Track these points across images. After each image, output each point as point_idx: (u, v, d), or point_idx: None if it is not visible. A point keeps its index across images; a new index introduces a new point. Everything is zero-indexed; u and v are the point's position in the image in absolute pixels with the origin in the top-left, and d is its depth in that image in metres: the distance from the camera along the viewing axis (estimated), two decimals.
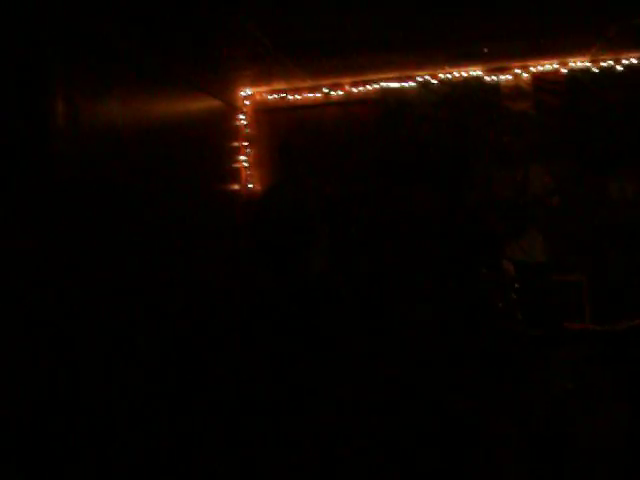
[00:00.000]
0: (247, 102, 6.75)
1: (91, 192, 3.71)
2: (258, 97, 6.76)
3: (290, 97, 6.65)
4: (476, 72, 6.28)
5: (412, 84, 6.42)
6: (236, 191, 6.54)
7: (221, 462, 3.63)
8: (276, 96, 6.69)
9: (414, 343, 4.86)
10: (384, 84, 6.46)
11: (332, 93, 6.58)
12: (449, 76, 6.32)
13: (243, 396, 4.49)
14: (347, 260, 6.11)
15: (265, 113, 6.74)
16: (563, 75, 6.14)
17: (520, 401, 3.86)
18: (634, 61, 5.95)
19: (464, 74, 6.30)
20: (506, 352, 4.15)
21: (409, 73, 6.36)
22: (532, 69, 6.20)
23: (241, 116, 6.71)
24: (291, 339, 5.13)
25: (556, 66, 6.15)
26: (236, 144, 6.67)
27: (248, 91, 6.72)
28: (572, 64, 6.12)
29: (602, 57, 5.99)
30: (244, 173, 6.70)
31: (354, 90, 6.54)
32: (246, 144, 6.74)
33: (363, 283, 6.17)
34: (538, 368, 4.08)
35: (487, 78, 6.28)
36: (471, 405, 3.84)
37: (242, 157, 6.70)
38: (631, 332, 3.74)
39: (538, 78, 6.19)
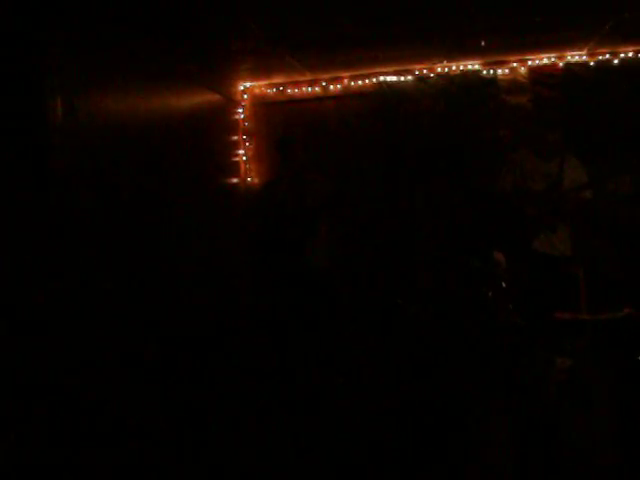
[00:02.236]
0: (245, 96, 6.76)
1: (89, 188, 3.71)
2: (257, 91, 6.77)
3: (289, 91, 6.67)
4: (473, 66, 6.31)
5: (410, 78, 6.45)
6: (235, 185, 6.57)
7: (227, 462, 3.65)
8: (274, 90, 6.70)
9: (409, 335, 4.90)
10: (382, 78, 6.48)
11: (330, 87, 6.60)
12: (446, 70, 6.35)
13: (246, 394, 4.52)
14: (348, 255, 6.14)
15: (263, 107, 6.74)
16: (560, 69, 6.17)
17: (509, 391, 3.90)
18: (631, 55, 5.98)
19: (462, 68, 6.32)
20: (496, 342, 4.19)
21: (407, 67, 6.38)
22: (529, 63, 6.22)
23: (240, 110, 6.73)
24: (290, 334, 5.15)
25: (553, 60, 6.18)
26: (235, 138, 6.69)
27: (247, 85, 6.74)
28: (569, 58, 6.14)
29: (599, 51, 6.02)
30: (243, 167, 6.73)
31: (352, 84, 6.56)
32: (245, 138, 6.76)
33: (363, 278, 6.20)
34: (527, 358, 4.12)
35: (484, 72, 6.29)
36: (460, 395, 3.88)
37: (241, 151, 6.73)
38: (617, 321, 3.79)
39: (535, 72, 6.21)
